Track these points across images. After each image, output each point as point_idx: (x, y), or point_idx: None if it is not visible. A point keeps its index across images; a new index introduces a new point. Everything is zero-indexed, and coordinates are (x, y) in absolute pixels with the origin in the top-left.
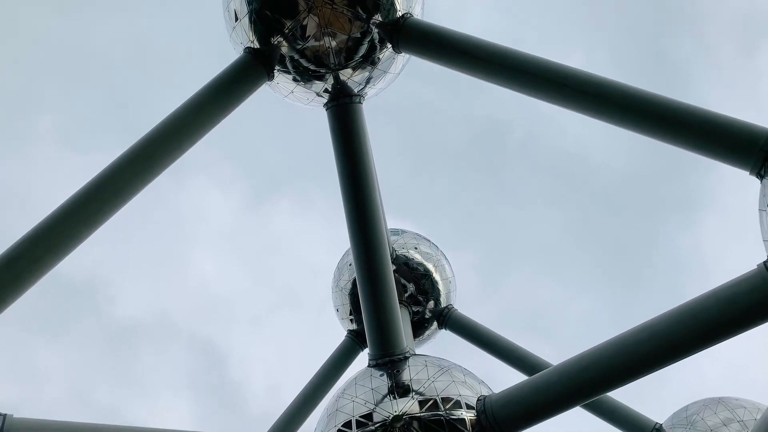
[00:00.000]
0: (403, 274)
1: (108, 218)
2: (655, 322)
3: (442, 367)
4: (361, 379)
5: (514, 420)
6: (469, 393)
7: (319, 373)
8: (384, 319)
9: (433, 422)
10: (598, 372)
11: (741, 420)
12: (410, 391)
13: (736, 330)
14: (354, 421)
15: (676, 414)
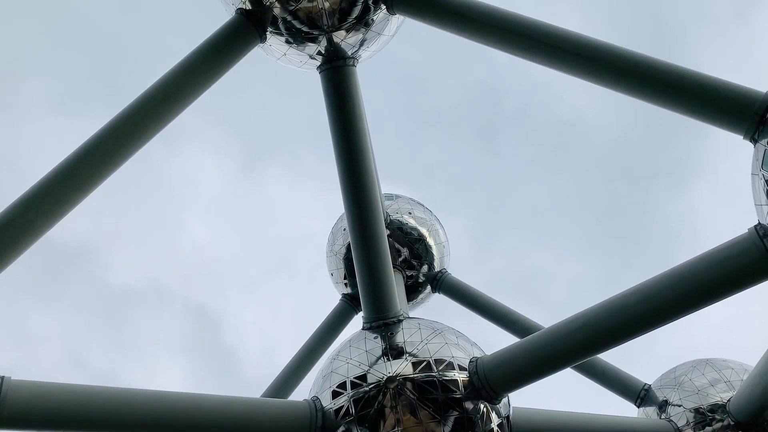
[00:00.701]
0: (397, 238)
1: (100, 182)
2: (646, 285)
3: (436, 330)
4: (356, 342)
5: (506, 381)
6: (462, 355)
7: (314, 335)
8: (378, 282)
9: (426, 383)
10: (589, 334)
11: (728, 380)
12: (404, 353)
13: (725, 293)
14: (348, 382)
15: (664, 375)
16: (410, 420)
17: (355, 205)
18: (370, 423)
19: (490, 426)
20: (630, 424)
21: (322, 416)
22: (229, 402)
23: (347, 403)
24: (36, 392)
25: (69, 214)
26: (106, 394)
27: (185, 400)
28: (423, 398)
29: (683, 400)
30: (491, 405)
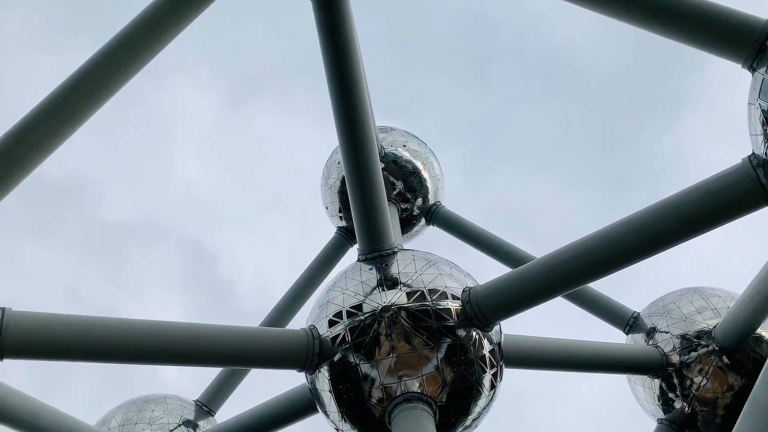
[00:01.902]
0: (391, 171)
1: (91, 114)
2: (639, 215)
3: (430, 261)
4: (351, 273)
5: (497, 309)
6: (455, 285)
7: (310, 267)
8: (373, 215)
9: (420, 312)
10: (580, 264)
11: (714, 308)
12: (398, 284)
13: (717, 223)
14: (344, 311)
15: (653, 303)
16: (404, 347)
17: (350, 137)
18: (366, 350)
19: (481, 352)
20: (618, 350)
21: (320, 344)
22: (228, 331)
23: (343, 331)
24: (37, 323)
25: (60, 148)
26: (107, 324)
27: (184, 330)
28: (417, 326)
29: (671, 327)
30: (483, 332)
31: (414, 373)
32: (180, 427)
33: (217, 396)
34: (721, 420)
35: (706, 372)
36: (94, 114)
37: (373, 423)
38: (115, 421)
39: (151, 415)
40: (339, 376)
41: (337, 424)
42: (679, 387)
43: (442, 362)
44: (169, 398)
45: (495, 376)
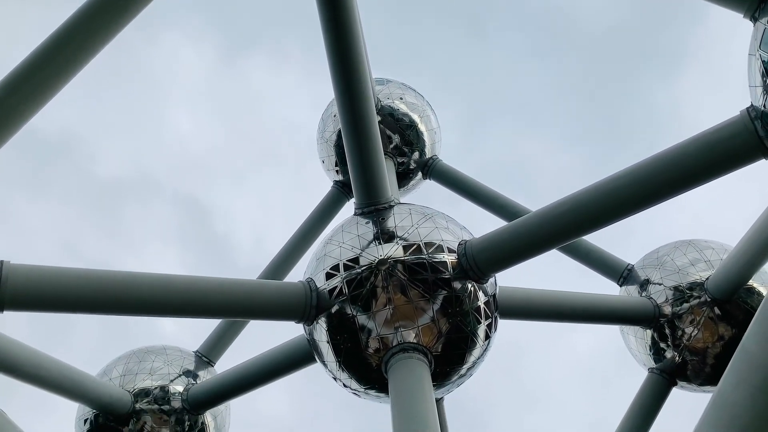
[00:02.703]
0: (388, 124)
1: (83, 65)
2: (635, 167)
3: (426, 215)
4: (348, 227)
5: (493, 262)
6: (451, 238)
7: (307, 221)
8: (369, 169)
9: (416, 265)
10: (576, 216)
11: (708, 260)
12: (395, 237)
13: (714, 175)
14: (341, 264)
15: (647, 256)
16: (401, 299)
17: (346, 89)
18: (363, 302)
19: (476, 304)
20: (611, 302)
21: (317, 296)
22: (227, 283)
23: (340, 284)
24: (37, 275)
25: (52, 103)
26: (106, 276)
27: (183, 282)
28: (413, 279)
29: (664, 279)
30: (478, 284)
31: (410, 324)
32: (180, 377)
33: (217, 347)
34: (711, 369)
35: (697, 323)
36: (88, 63)
37: (370, 372)
38: (116, 371)
39: (152, 365)
40: (336, 327)
41: (334, 374)
42: (670, 337)
43: (438, 314)
44: (168, 349)
45: (489, 327)
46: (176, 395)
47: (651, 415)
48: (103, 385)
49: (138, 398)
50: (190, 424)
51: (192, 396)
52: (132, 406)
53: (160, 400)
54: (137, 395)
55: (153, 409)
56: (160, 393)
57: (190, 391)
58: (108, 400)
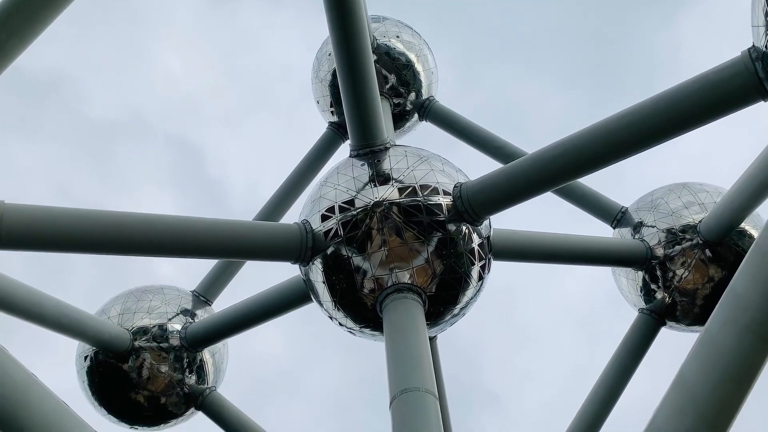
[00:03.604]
0: (384, 64)
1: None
2: (633, 109)
3: (422, 157)
4: (343, 169)
5: (487, 204)
6: (447, 180)
7: (302, 163)
8: (365, 110)
9: (411, 207)
10: (572, 158)
11: (702, 203)
12: (390, 179)
13: (712, 117)
14: (337, 206)
15: (641, 198)
16: (396, 241)
17: (341, 26)
18: (358, 244)
19: (470, 246)
20: (604, 244)
21: (312, 238)
22: (224, 224)
23: (336, 226)
24: (33, 214)
25: (40, 40)
26: (102, 216)
27: (180, 222)
28: (408, 221)
29: (657, 222)
30: (473, 227)
31: (405, 266)
32: (178, 316)
33: (214, 286)
34: (699, 309)
35: (688, 264)
36: None
37: (365, 312)
38: (114, 310)
39: (149, 304)
40: (332, 268)
41: (330, 313)
42: (661, 279)
43: (432, 255)
44: (166, 288)
45: (483, 268)
46: (174, 333)
47: (639, 354)
48: (101, 323)
49: (137, 336)
50: (188, 361)
51: (190, 334)
52: (131, 343)
53: (158, 338)
54: (136, 333)
55: (152, 346)
56: (159, 331)
57: (188, 329)
58: (107, 337)
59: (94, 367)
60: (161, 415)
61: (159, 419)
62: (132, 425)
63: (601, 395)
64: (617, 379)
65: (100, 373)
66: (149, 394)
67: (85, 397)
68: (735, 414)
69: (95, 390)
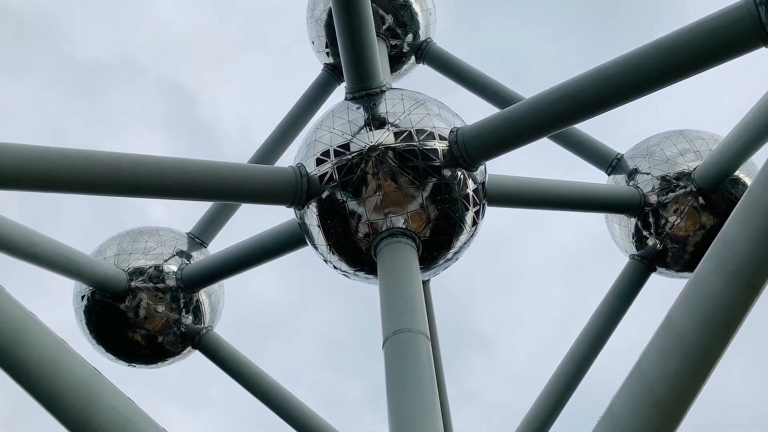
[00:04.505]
0: (380, 4)
1: None
2: (632, 54)
3: (418, 101)
4: (338, 112)
5: (483, 150)
6: (443, 125)
7: (296, 106)
8: (361, 51)
9: (407, 152)
10: (570, 103)
11: (697, 150)
12: (386, 123)
13: (712, 62)
14: (332, 150)
15: (637, 145)
16: (391, 186)
17: None
18: (353, 188)
19: (465, 191)
20: (598, 190)
21: (307, 182)
22: (219, 166)
23: (331, 170)
24: (25, 153)
25: None
26: (95, 156)
27: (175, 163)
28: (403, 166)
29: (652, 169)
30: (468, 172)
31: (399, 210)
32: (174, 258)
33: (209, 229)
34: (690, 256)
35: (681, 212)
36: None
37: (360, 255)
38: (110, 251)
39: (145, 245)
40: (327, 212)
41: (325, 256)
42: (653, 226)
43: (427, 200)
44: (161, 230)
45: (477, 213)
46: (170, 274)
47: (628, 299)
48: (98, 263)
49: (133, 277)
50: (185, 301)
51: (186, 275)
52: (127, 284)
53: (154, 278)
54: (132, 274)
55: (148, 287)
56: (155, 272)
57: (184, 270)
58: (103, 277)
59: (91, 306)
60: (159, 353)
61: (156, 357)
62: (130, 363)
63: (590, 338)
64: (606, 323)
65: (98, 313)
66: (146, 333)
67: (83, 336)
68: (719, 356)
69: (93, 329)
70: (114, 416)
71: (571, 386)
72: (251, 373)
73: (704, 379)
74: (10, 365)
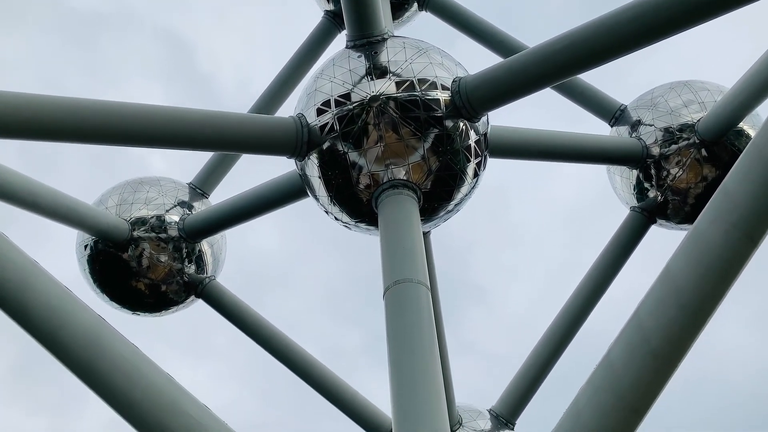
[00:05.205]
0: None
1: None
2: (640, 1)
3: (420, 49)
4: (339, 60)
5: (486, 100)
6: (445, 74)
7: (296, 55)
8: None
9: (408, 102)
10: (574, 52)
11: (702, 102)
12: (388, 72)
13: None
14: (332, 100)
15: (641, 96)
16: (392, 136)
17: None
18: (354, 139)
19: (467, 143)
20: (600, 142)
21: (308, 132)
22: (218, 115)
23: (332, 120)
24: (23, 102)
25: None
26: (94, 105)
27: (174, 113)
28: (405, 116)
29: (655, 120)
30: (470, 123)
31: (400, 162)
32: (175, 208)
33: (210, 179)
34: (690, 208)
35: (683, 164)
36: None
37: (361, 207)
38: (111, 201)
39: (146, 195)
40: (328, 163)
41: (326, 208)
42: (655, 177)
43: (428, 152)
44: (162, 180)
45: (479, 165)
46: (172, 224)
47: (628, 250)
48: (99, 212)
49: (135, 227)
50: (187, 251)
51: (188, 225)
52: (129, 233)
53: (156, 228)
54: (134, 224)
55: (150, 237)
56: (157, 222)
57: (186, 220)
58: (105, 227)
59: (94, 255)
60: (162, 302)
61: (160, 306)
62: (134, 311)
63: (588, 288)
64: (605, 274)
65: (101, 262)
66: (149, 282)
67: (86, 285)
68: (715, 307)
69: (96, 278)
70: (120, 362)
71: (569, 335)
72: (254, 321)
73: (700, 329)
74: (16, 312)
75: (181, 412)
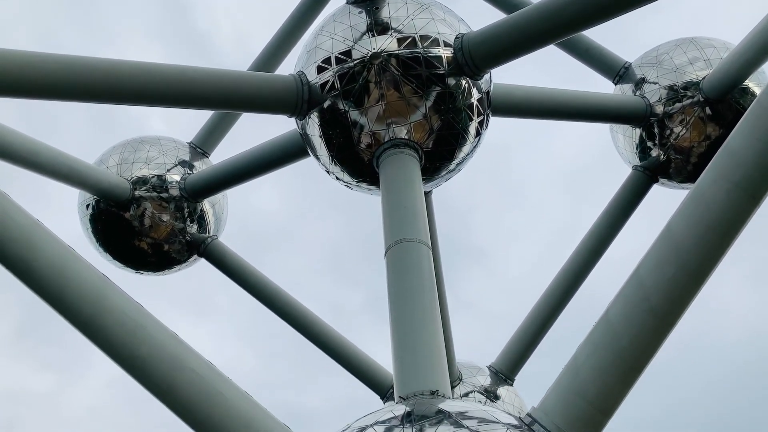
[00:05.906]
0: None
1: None
2: None
3: (422, 5)
4: (340, 16)
5: (489, 57)
6: (448, 31)
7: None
8: None
9: (410, 59)
10: (579, 8)
11: (707, 59)
12: (389, 29)
13: None
14: (333, 57)
15: (646, 54)
16: (393, 95)
17: None
18: (355, 97)
19: (470, 101)
20: (604, 100)
21: (309, 90)
22: (218, 73)
23: (332, 78)
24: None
25: None
26: (92, 63)
27: (175, 71)
28: (406, 74)
29: (660, 78)
30: (473, 81)
31: (402, 121)
32: (176, 167)
33: (211, 138)
34: (693, 167)
35: (686, 122)
36: None
37: (362, 166)
38: (112, 160)
39: (147, 155)
40: (329, 122)
41: (327, 167)
42: (658, 136)
43: (430, 110)
44: (163, 139)
45: (481, 124)
46: (173, 184)
47: (630, 208)
48: (101, 172)
49: (136, 186)
50: (189, 210)
51: (189, 184)
52: (131, 193)
53: (158, 188)
54: (135, 183)
55: (152, 196)
56: (158, 181)
57: (187, 180)
58: (107, 186)
59: (96, 215)
60: (165, 261)
61: (163, 265)
62: (137, 270)
63: (590, 246)
64: (607, 232)
65: (103, 221)
66: (152, 241)
67: (89, 244)
68: (715, 265)
69: (99, 237)
70: (124, 320)
71: (569, 293)
72: (256, 280)
73: (699, 287)
74: (21, 271)
75: (186, 368)
